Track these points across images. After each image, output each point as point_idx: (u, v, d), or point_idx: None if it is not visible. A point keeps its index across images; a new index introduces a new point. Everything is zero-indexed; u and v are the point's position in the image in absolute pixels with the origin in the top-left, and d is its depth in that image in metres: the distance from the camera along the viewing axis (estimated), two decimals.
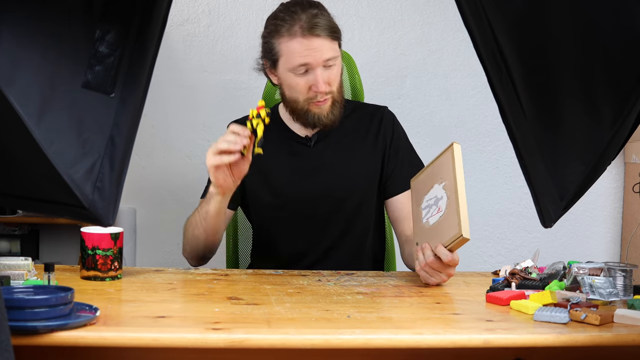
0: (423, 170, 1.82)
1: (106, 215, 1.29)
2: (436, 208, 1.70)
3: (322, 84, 1.91)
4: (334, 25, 1.95)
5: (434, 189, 1.74)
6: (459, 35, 3.09)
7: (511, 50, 1.34)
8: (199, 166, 2.16)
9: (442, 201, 1.69)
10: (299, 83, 1.93)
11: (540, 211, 1.41)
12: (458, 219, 1.61)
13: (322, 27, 1.90)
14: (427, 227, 1.72)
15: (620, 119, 1.35)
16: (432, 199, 1.73)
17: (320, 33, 1.89)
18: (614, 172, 3.22)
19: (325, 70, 1.92)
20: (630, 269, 1.62)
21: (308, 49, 1.89)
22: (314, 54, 1.89)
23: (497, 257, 3.21)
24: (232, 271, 1.86)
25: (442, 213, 1.67)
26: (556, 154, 1.40)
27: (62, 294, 1.27)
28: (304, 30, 1.89)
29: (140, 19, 1.29)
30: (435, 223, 1.69)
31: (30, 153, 1.21)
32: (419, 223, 1.75)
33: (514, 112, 1.38)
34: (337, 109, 1.97)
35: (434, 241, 1.67)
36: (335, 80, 1.95)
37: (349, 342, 1.29)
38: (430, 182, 1.76)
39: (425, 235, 1.71)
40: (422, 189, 1.78)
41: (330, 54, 1.91)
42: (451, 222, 1.63)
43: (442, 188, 1.71)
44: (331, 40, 1.92)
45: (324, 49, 1.90)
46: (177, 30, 3.02)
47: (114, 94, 1.29)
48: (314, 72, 1.91)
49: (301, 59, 1.90)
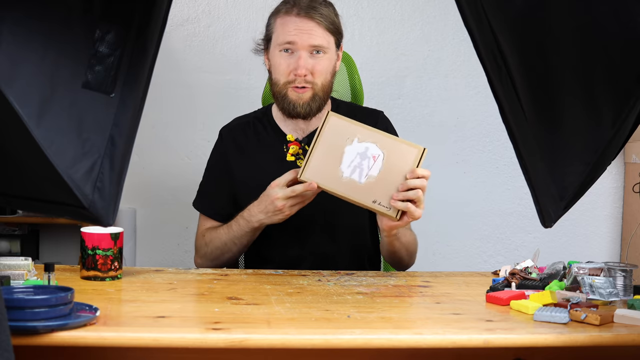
0: (309, 158, 1.77)
1: (106, 215, 1.29)
2: (368, 161, 1.72)
3: (303, 68, 1.90)
4: (335, 21, 1.95)
5: (347, 153, 1.74)
6: (459, 35, 3.09)
7: (511, 50, 1.34)
8: (199, 166, 2.16)
9: (370, 151, 1.73)
10: (282, 63, 1.93)
11: (540, 211, 1.41)
12: (406, 144, 1.73)
13: (319, 13, 1.90)
14: (372, 182, 1.72)
15: (621, 119, 1.35)
16: (354, 160, 1.74)
17: (315, 17, 1.90)
18: (614, 172, 3.22)
19: (311, 58, 1.92)
20: (630, 269, 1.62)
21: (298, 29, 1.90)
22: (302, 35, 1.90)
23: (497, 257, 3.21)
24: (232, 271, 1.86)
25: (382, 155, 1.72)
26: (556, 154, 1.40)
27: (62, 294, 1.27)
28: (301, 10, 1.90)
29: (140, 19, 1.29)
30: (381, 169, 1.72)
31: (30, 153, 1.21)
32: (358, 187, 1.73)
33: (514, 112, 1.37)
34: (316, 103, 1.96)
35: (394, 181, 1.70)
36: (321, 72, 1.93)
37: (349, 342, 1.29)
38: (335, 153, 1.75)
39: (377, 187, 1.72)
40: (330, 167, 1.75)
41: (319, 42, 1.91)
42: (401, 151, 1.72)
43: (357, 143, 1.73)
44: (325, 30, 1.92)
45: (313, 33, 1.90)
46: (177, 30, 3.02)
47: (114, 94, 1.29)
48: (297, 53, 1.91)
49: (289, 36, 1.90)
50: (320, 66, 1.93)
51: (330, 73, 1.97)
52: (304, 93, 1.94)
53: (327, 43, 1.93)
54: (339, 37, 1.98)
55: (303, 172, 1.77)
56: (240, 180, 2.03)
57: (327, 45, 1.93)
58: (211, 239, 1.99)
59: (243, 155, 2.05)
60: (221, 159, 2.07)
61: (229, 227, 1.95)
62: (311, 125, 2.02)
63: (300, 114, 1.96)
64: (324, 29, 1.92)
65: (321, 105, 1.98)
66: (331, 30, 1.93)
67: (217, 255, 1.99)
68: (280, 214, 1.84)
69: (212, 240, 1.99)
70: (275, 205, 1.82)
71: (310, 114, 1.97)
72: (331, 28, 1.93)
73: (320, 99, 1.96)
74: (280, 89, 1.95)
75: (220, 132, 2.10)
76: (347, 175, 1.74)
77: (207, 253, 2.00)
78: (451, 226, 3.17)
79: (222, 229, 1.98)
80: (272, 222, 1.88)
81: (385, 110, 2.18)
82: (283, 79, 1.94)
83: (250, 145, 2.05)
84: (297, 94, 1.94)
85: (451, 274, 1.89)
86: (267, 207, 1.84)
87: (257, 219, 1.88)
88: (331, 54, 1.95)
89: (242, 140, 2.06)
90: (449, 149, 3.13)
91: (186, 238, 3.06)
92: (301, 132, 2.03)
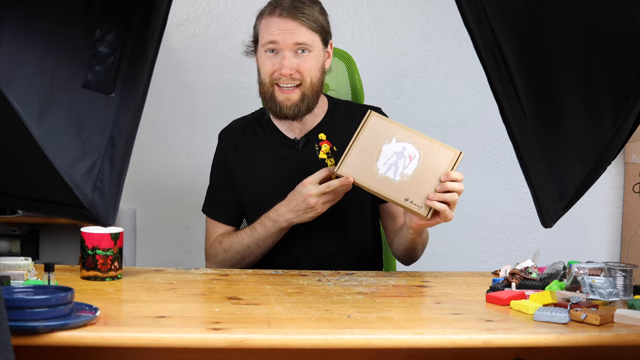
0: (347, 154, 1.80)
1: (106, 215, 1.29)
2: (404, 160, 1.75)
3: (287, 67, 1.90)
4: (319, 19, 1.94)
5: (384, 151, 1.77)
6: (459, 35, 3.09)
7: (511, 50, 1.34)
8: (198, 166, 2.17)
9: (407, 150, 1.75)
10: (266, 64, 1.93)
11: (540, 211, 1.41)
12: (443, 146, 1.76)
13: (301, 13, 1.90)
14: (407, 180, 1.74)
15: (621, 119, 1.35)
16: (391, 158, 1.76)
17: (297, 17, 1.90)
18: (614, 172, 3.22)
19: (296, 57, 1.91)
20: (630, 269, 1.62)
21: (280, 28, 1.90)
22: (284, 34, 1.89)
23: (497, 257, 3.21)
24: (232, 271, 1.86)
25: (418, 156, 1.74)
26: (556, 153, 1.40)
27: (62, 294, 1.27)
28: (283, 10, 1.91)
29: (140, 19, 1.29)
30: (416, 169, 1.74)
31: (30, 153, 1.21)
32: (392, 184, 1.75)
33: (514, 112, 1.38)
34: (305, 104, 1.95)
35: (428, 181, 1.72)
36: (308, 70, 1.92)
37: (349, 342, 1.29)
38: (373, 151, 1.78)
39: (411, 186, 1.74)
40: (366, 163, 1.78)
41: (302, 39, 1.90)
42: (437, 153, 1.75)
43: (396, 142, 1.76)
44: (308, 29, 1.91)
45: (296, 32, 1.90)
46: (177, 30, 3.02)
47: (114, 94, 1.29)
48: (282, 53, 1.91)
49: (272, 36, 1.91)
50: (306, 64, 1.92)
51: (319, 71, 1.96)
52: (291, 94, 1.93)
53: (312, 41, 1.92)
54: (325, 35, 1.96)
55: (340, 167, 1.80)
56: (241, 181, 2.03)
57: (312, 44, 1.92)
58: (231, 244, 1.98)
59: (243, 157, 2.04)
60: (223, 163, 2.07)
61: (253, 230, 1.94)
62: (307, 124, 2.02)
63: (288, 116, 1.95)
64: (307, 27, 1.91)
65: (311, 105, 1.97)
66: (315, 29, 1.92)
67: (238, 259, 1.98)
68: (312, 212, 1.85)
69: (232, 246, 1.98)
70: (308, 203, 1.83)
71: (299, 115, 1.96)
72: (314, 27, 1.92)
73: (309, 98, 1.95)
74: (267, 89, 1.95)
75: (220, 135, 2.10)
76: (382, 172, 1.76)
77: (227, 259, 1.99)
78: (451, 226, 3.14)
79: (243, 232, 1.97)
80: (302, 221, 1.88)
81: (386, 110, 2.18)
82: (267, 78, 1.94)
83: (249, 146, 2.05)
84: (285, 95, 1.93)
85: (451, 274, 1.89)
86: (299, 205, 1.85)
87: (286, 218, 1.88)
88: (317, 52, 1.94)
89: (241, 141, 2.06)
90: None
91: (186, 238, 3.06)
92: (298, 131, 2.03)
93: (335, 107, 2.07)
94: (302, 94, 1.93)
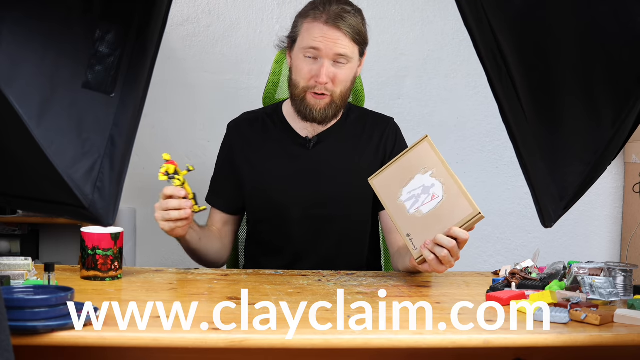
0: (386, 167, 1.81)
1: (106, 215, 1.29)
2: (427, 196, 1.72)
3: (324, 76, 1.90)
4: (362, 31, 1.94)
5: (415, 179, 1.75)
6: (459, 35, 3.09)
7: (511, 50, 1.34)
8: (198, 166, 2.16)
9: (434, 188, 1.72)
10: (304, 68, 1.93)
11: (540, 211, 1.41)
12: (468, 200, 1.68)
13: (347, 24, 1.90)
14: (419, 217, 1.72)
15: (621, 119, 1.34)
16: (417, 189, 1.74)
17: (342, 27, 1.89)
18: (614, 172, 3.22)
19: (333, 66, 1.92)
20: (630, 269, 1.62)
21: (324, 36, 1.90)
22: (328, 43, 1.89)
23: (497, 257, 3.21)
24: (232, 271, 1.86)
25: (441, 199, 1.70)
26: (556, 153, 1.40)
27: (62, 294, 1.27)
28: (329, 19, 1.90)
29: (140, 19, 1.29)
30: (432, 210, 1.70)
31: (30, 153, 1.21)
32: (404, 215, 1.74)
33: (514, 112, 1.38)
34: (333, 110, 1.97)
35: (435, 227, 1.68)
36: (342, 81, 1.94)
37: (349, 342, 1.29)
38: (407, 175, 1.77)
39: (418, 224, 1.72)
40: (396, 184, 1.78)
41: (344, 51, 1.91)
42: (458, 204, 1.68)
43: (429, 177, 1.73)
44: (351, 41, 1.91)
45: (339, 43, 1.90)
46: (177, 30, 3.02)
47: (114, 94, 1.29)
48: (321, 61, 1.91)
49: (314, 42, 1.90)
50: (342, 75, 1.93)
51: (351, 81, 1.98)
52: (322, 99, 1.94)
53: (352, 53, 1.93)
54: (363, 46, 1.97)
55: (373, 177, 1.82)
56: (245, 173, 2.04)
57: (351, 55, 1.93)
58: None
59: (249, 148, 2.05)
60: (228, 154, 2.09)
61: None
62: (320, 126, 2.03)
63: (316, 119, 1.97)
64: (350, 39, 1.91)
65: (337, 112, 1.99)
66: (357, 41, 1.93)
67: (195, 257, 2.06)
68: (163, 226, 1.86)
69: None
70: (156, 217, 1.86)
71: (326, 120, 1.99)
72: (357, 39, 1.93)
73: (337, 106, 1.98)
74: (299, 93, 1.96)
75: (228, 126, 2.12)
76: (402, 199, 1.76)
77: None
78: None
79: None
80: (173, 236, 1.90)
81: (386, 110, 2.18)
82: (303, 83, 1.94)
83: (256, 138, 2.06)
84: (315, 100, 1.94)
85: (451, 274, 1.89)
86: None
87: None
88: (354, 63, 1.96)
89: (248, 133, 2.07)
90: (449, 149, 3.13)
91: None
92: (311, 130, 2.04)
93: (350, 111, 2.08)
94: (331, 101, 1.95)
